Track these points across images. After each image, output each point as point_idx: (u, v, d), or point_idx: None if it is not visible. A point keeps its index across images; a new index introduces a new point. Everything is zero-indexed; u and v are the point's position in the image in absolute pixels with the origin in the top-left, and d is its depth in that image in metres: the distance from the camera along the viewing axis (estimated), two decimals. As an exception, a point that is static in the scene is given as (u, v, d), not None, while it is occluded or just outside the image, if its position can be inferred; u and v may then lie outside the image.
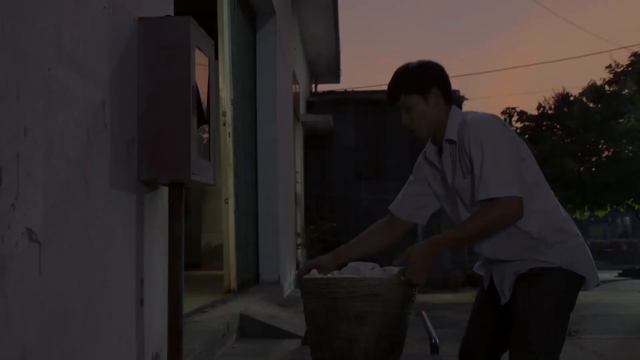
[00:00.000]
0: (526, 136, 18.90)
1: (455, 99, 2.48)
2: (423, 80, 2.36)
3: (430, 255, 2.19)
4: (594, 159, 18.59)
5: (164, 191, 2.79)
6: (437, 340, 2.97)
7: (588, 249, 2.36)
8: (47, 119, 1.86)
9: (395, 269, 2.23)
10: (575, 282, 2.29)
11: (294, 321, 5.39)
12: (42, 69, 1.84)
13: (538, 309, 2.22)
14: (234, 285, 5.87)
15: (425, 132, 2.40)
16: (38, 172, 1.79)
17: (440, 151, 2.40)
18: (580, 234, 2.36)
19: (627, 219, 44.08)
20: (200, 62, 2.71)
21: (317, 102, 14.07)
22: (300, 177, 12.04)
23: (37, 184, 1.79)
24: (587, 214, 20.08)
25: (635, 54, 18.35)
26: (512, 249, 2.30)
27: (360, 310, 2.11)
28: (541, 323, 2.21)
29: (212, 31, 4.63)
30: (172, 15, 3.03)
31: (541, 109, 19.40)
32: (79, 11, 2.09)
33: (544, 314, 2.22)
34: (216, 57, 4.16)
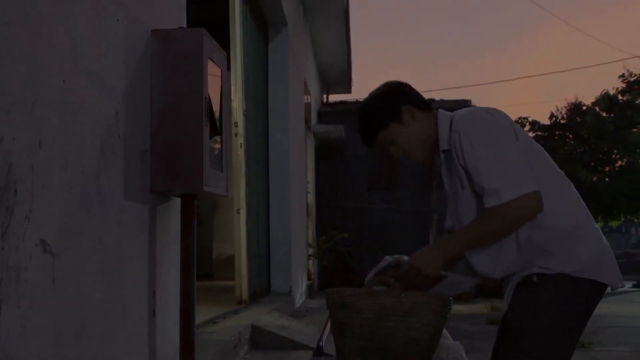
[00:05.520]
0: (538, 146, 18.78)
1: (429, 106, 2.24)
2: (388, 105, 2.19)
3: (436, 254, 2.05)
4: (607, 168, 18.48)
5: (177, 202, 2.80)
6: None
7: (605, 247, 2.08)
8: (62, 130, 1.87)
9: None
10: (586, 289, 2.02)
11: (306, 332, 5.37)
12: (58, 81, 1.85)
13: (532, 324, 1.99)
14: (245, 295, 5.86)
15: (421, 154, 2.21)
16: (53, 184, 1.81)
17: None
18: (595, 232, 2.08)
19: (641, 229, 43.74)
20: (213, 73, 2.72)
21: (328, 112, 14.08)
22: (311, 187, 12.04)
23: (52, 196, 1.80)
24: (600, 224, 19.94)
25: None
26: (512, 262, 2.07)
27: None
28: (534, 341, 1.98)
29: (224, 42, 4.65)
30: (185, 27, 3.05)
31: (553, 119, 19.32)
32: (94, 24, 2.11)
33: (538, 330, 1.98)
34: (228, 68, 4.19)
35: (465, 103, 15.78)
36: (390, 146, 2.22)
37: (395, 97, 2.21)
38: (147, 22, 2.59)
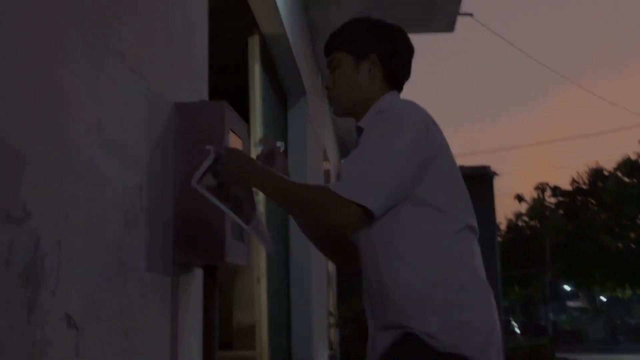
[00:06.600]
0: (561, 211, 18.67)
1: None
2: (362, 39, 1.86)
3: (245, 176, 1.90)
4: (632, 234, 18.24)
5: (198, 272, 2.80)
6: None
7: (497, 327, 1.67)
8: (87, 204, 1.90)
9: None
10: None
11: (328, 404, 5.25)
12: (84, 157, 1.89)
13: None
14: (266, 365, 5.77)
15: (343, 106, 1.92)
16: (78, 258, 1.83)
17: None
18: (488, 302, 1.70)
19: (670, 295, 42.56)
20: (234, 144, 2.77)
21: (348, 179, 14.12)
22: (332, 254, 11.97)
23: (77, 269, 1.82)
24: (629, 292, 19.52)
25: (668, 128, 18.29)
26: (385, 311, 1.74)
27: None
28: None
29: (243, 109, 4.74)
30: (207, 98, 3.12)
31: (575, 184, 19.23)
32: (119, 100, 2.17)
33: None
34: (249, 137, 4.24)
35: (484, 169, 15.72)
36: (332, 72, 1.94)
37: (379, 38, 1.87)
38: (170, 95, 2.65)
